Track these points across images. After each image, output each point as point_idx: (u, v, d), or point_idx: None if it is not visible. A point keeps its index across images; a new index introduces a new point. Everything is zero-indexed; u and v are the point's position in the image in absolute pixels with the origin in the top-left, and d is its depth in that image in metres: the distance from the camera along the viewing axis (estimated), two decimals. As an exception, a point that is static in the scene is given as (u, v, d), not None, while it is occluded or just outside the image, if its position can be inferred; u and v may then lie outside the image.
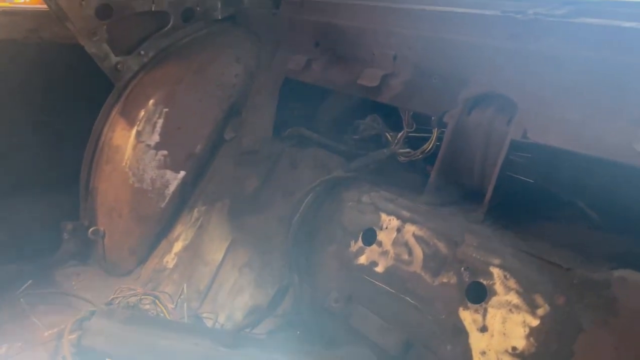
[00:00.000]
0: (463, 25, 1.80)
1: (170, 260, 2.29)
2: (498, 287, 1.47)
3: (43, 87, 2.40)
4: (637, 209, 1.47)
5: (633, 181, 1.44)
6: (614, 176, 1.53)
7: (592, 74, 1.48)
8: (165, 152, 2.33)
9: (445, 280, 1.58)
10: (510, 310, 1.43)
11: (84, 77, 2.40)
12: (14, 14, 2.26)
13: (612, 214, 1.60)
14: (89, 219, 2.43)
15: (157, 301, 1.94)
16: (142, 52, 2.42)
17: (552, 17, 1.59)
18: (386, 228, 1.78)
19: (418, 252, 1.67)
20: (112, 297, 2.11)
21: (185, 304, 2.02)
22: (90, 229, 2.38)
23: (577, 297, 1.34)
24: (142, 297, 2.01)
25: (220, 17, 2.60)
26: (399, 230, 1.74)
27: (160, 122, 2.33)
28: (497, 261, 1.50)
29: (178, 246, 2.31)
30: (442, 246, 1.62)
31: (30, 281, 2.20)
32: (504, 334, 1.42)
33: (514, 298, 1.43)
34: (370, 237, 1.81)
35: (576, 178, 1.68)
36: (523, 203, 1.73)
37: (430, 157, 1.88)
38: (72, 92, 2.43)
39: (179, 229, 2.35)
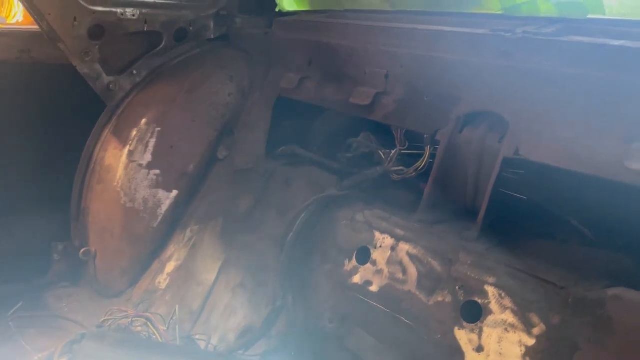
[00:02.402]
0: (454, 43, 1.81)
1: (162, 280, 2.26)
2: (493, 306, 1.46)
3: (35, 108, 2.38)
4: (630, 226, 1.47)
5: (626, 198, 1.44)
6: (607, 193, 1.53)
7: (582, 91, 1.49)
8: (157, 171, 2.31)
9: (440, 299, 1.57)
10: (506, 329, 1.42)
11: (75, 97, 2.38)
12: (5, 35, 2.26)
13: (605, 231, 1.59)
14: (80, 240, 2.40)
15: (148, 323, 1.91)
16: (135, 72, 2.41)
17: (541, 35, 1.60)
18: (380, 247, 1.77)
19: (412, 270, 1.66)
20: (103, 319, 2.07)
21: (177, 326, 1.99)
22: (82, 250, 2.34)
23: (573, 316, 1.33)
24: (134, 319, 1.97)
25: (213, 37, 2.60)
26: (393, 248, 1.73)
27: (152, 141, 2.31)
28: (491, 280, 1.49)
29: (170, 266, 2.28)
30: (436, 265, 1.61)
31: (20, 303, 2.16)
32: (500, 353, 1.41)
33: (509, 317, 1.42)
34: (364, 256, 1.80)
35: (569, 195, 1.68)
36: (517, 220, 1.73)
37: (424, 175, 1.87)
38: (64, 112, 2.41)
39: (171, 249, 2.33)
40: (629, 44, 1.47)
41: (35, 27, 2.17)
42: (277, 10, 2.72)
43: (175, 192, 2.34)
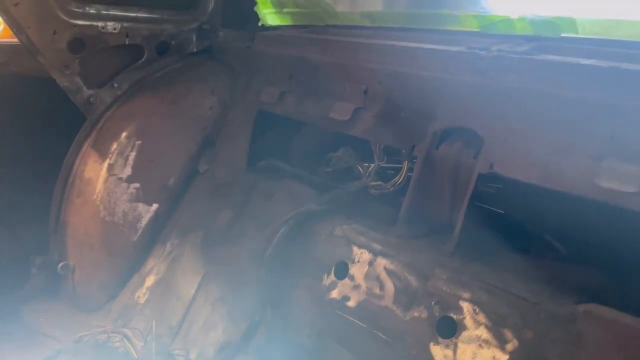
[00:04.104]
0: (430, 60, 1.84)
1: (141, 295, 2.25)
2: (468, 321, 1.47)
3: (14, 121, 2.37)
4: (601, 242, 1.49)
5: (597, 215, 1.47)
6: (579, 209, 1.56)
7: (554, 109, 1.52)
8: (137, 185, 2.30)
9: (416, 314, 1.57)
10: (480, 345, 1.42)
11: (56, 111, 2.38)
12: (-16, 48, 2.25)
13: (578, 246, 1.62)
14: (59, 254, 2.38)
15: (124, 339, 1.89)
16: (116, 85, 2.41)
17: (514, 54, 1.63)
18: (358, 261, 1.77)
19: (389, 286, 1.66)
20: (80, 334, 2.05)
21: (153, 342, 1.97)
22: (60, 264, 2.32)
23: (545, 331, 1.34)
24: (111, 334, 1.96)
25: (195, 50, 2.61)
26: (370, 263, 1.74)
27: (132, 154, 2.31)
28: (466, 295, 1.50)
29: (150, 280, 2.27)
30: (412, 280, 1.62)
31: (-6, 318, 2.14)
32: (474, 369, 1.41)
33: (483, 333, 1.43)
34: (342, 271, 1.80)
35: (545, 210, 1.71)
36: (493, 235, 1.74)
37: (403, 190, 1.89)
38: (44, 125, 2.41)
39: (151, 262, 2.31)
40: (599, 63, 1.50)
41: (15, 40, 2.16)
42: (259, 24, 2.74)
43: (155, 206, 2.33)
